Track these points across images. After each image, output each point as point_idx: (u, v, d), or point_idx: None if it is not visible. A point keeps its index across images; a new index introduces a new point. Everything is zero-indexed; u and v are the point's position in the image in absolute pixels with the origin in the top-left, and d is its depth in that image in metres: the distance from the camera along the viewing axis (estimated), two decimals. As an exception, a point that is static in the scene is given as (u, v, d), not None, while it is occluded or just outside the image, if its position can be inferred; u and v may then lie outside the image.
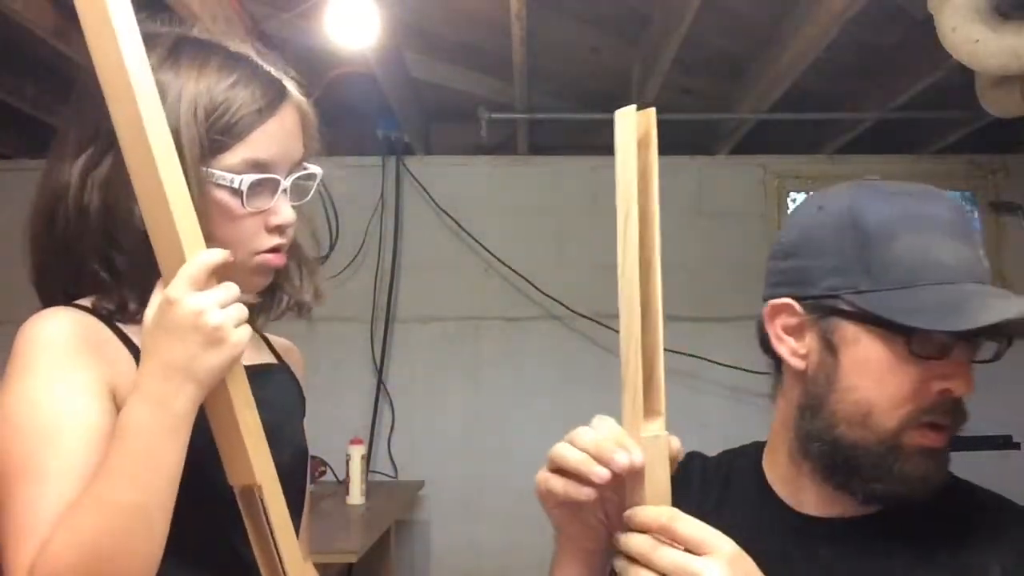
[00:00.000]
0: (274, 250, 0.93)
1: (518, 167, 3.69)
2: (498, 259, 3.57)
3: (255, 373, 0.99)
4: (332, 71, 2.75)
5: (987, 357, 0.84)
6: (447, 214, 3.60)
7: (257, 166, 0.90)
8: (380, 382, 3.56)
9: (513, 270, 3.58)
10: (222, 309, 0.78)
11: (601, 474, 0.71)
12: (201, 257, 0.78)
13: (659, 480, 0.71)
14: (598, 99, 3.24)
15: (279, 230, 0.92)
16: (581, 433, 0.74)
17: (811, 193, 0.96)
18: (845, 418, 0.83)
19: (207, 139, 0.87)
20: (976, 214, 3.81)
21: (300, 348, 1.13)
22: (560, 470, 0.74)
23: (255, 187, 0.89)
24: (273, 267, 0.94)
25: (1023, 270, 3.68)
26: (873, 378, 0.81)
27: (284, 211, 0.92)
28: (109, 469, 0.75)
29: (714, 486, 0.96)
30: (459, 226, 3.59)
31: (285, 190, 0.92)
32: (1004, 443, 2.67)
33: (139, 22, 0.79)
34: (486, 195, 3.65)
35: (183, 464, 0.77)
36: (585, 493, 0.72)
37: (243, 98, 0.90)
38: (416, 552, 3.53)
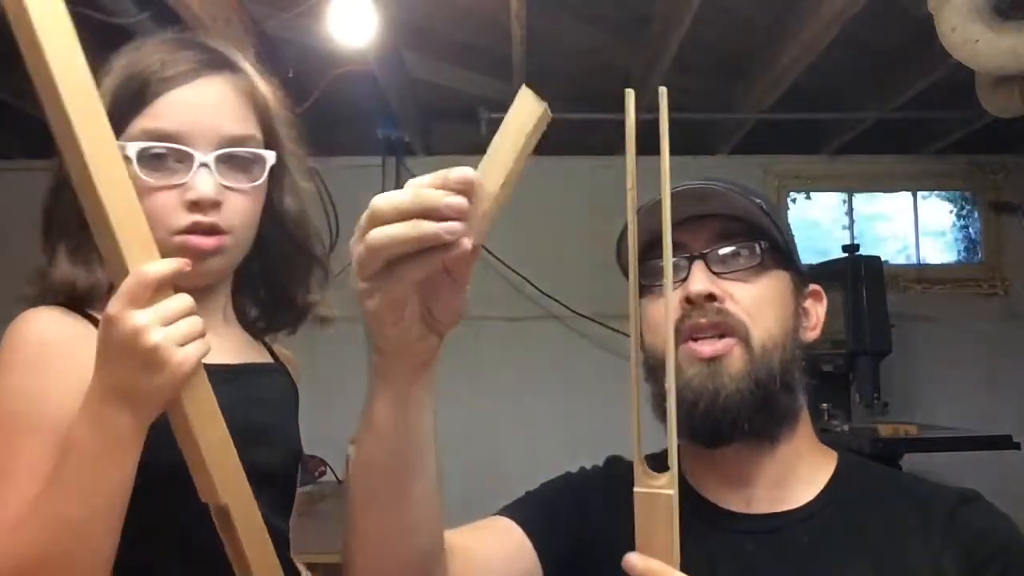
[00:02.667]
0: (194, 231, 0.86)
1: (518, 167, 3.68)
2: (498, 259, 3.57)
3: (251, 371, 0.97)
4: (332, 71, 2.75)
5: (728, 268, 0.87)
6: (447, 214, 3.60)
7: (159, 136, 0.85)
8: (380, 382, 3.56)
9: (513, 270, 3.58)
10: (166, 326, 0.70)
11: (454, 204, 0.54)
12: (140, 271, 0.69)
13: (657, 542, 0.65)
14: (598, 99, 3.24)
15: (197, 207, 0.86)
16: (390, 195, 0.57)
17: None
18: (652, 372, 0.87)
19: (112, 112, 0.81)
20: (976, 214, 3.81)
21: (300, 348, 1.13)
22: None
23: (161, 158, 0.86)
24: (196, 249, 0.86)
25: (1023, 270, 3.69)
26: (645, 327, 0.89)
27: (200, 185, 0.86)
28: (53, 481, 0.73)
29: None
30: (459, 226, 3.59)
31: (206, 165, 0.86)
32: (1004, 443, 2.67)
33: (140, 23, 0.79)
34: (486, 195, 3.64)
35: (130, 482, 0.74)
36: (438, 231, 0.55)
37: (155, 66, 0.86)
38: (416, 552, 3.53)
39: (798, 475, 0.89)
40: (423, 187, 0.57)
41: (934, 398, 3.50)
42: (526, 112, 0.60)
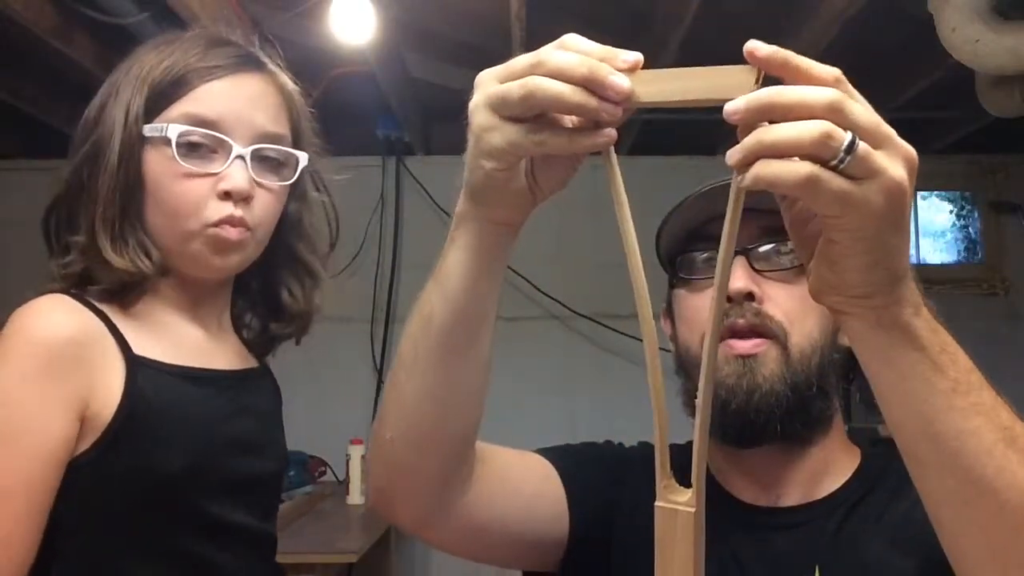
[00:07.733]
0: (228, 223, 0.86)
1: (518, 167, 3.68)
2: (498, 259, 3.57)
3: (249, 378, 0.97)
4: (332, 71, 2.75)
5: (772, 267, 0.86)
6: (447, 214, 3.58)
7: (199, 122, 0.85)
8: (380, 382, 3.56)
9: (513, 270, 3.57)
10: None
11: (621, 86, 0.53)
12: None
13: (676, 561, 0.60)
14: (598, 99, 3.24)
15: (228, 198, 0.86)
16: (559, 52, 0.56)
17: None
18: (685, 367, 0.88)
19: (150, 100, 0.85)
20: (976, 214, 3.81)
21: (300, 348, 1.12)
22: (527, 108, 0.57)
23: (198, 145, 0.85)
24: (227, 241, 0.86)
25: (1023, 270, 3.69)
26: (680, 321, 0.90)
27: (235, 176, 0.85)
28: None
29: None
30: (459, 226, 3.60)
31: (242, 157, 0.86)
32: (1004, 443, 2.67)
33: (140, 23, 0.79)
34: (486, 195, 3.64)
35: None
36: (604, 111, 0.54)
37: (195, 57, 0.87)
38: (416, 552, 3.53)
39: (827, 473, 0.88)
40: (595, 56, 0.55)
41: (934, 398, 3.49)
42: (736, 79, 0.55)
